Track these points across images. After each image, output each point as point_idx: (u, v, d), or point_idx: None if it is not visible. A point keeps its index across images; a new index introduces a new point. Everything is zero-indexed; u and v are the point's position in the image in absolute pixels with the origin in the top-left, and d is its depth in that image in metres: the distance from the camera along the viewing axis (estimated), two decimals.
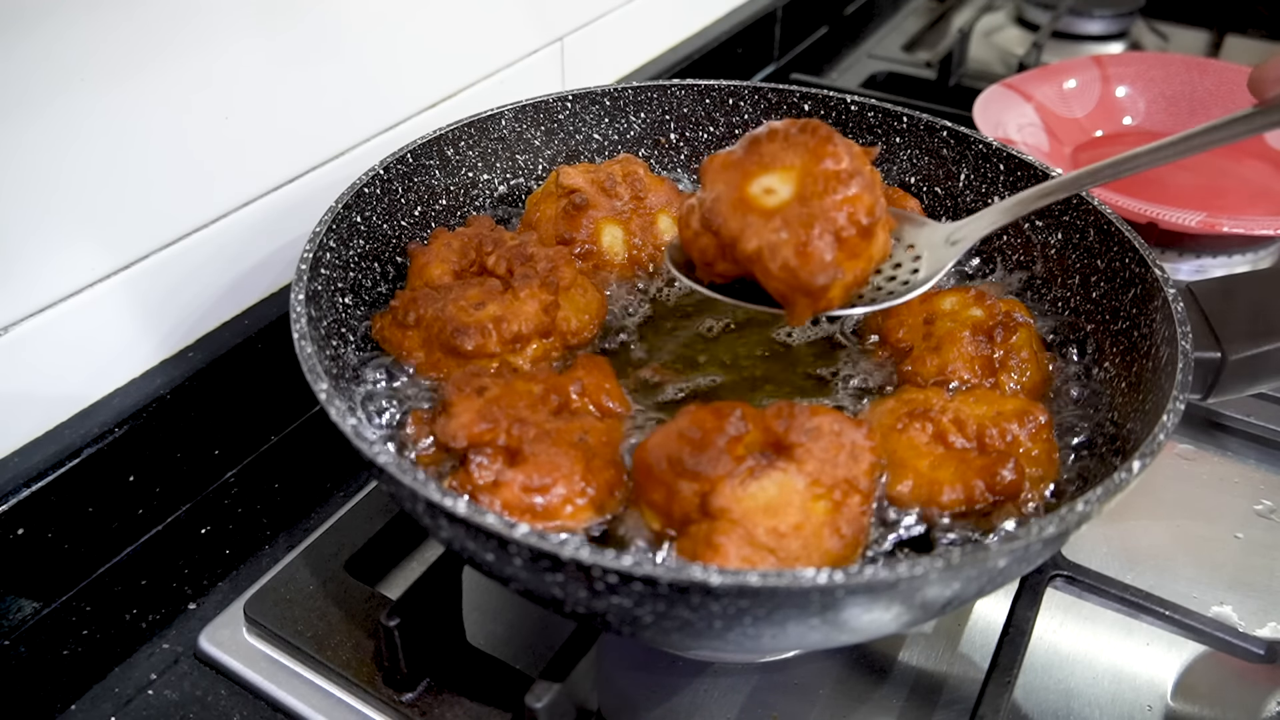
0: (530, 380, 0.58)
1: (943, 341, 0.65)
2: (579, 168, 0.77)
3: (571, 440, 0.55)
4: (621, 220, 0.75)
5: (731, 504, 0.49)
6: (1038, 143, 1.09)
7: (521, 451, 0.53)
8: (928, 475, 0.56)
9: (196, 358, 0.70)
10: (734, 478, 0.49)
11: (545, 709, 0.50)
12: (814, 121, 0.55)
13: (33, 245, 0.59)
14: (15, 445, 0.62)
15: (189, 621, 0.66)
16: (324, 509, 0.75)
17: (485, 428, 0.54)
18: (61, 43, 0.57)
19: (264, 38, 0.69)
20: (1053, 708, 0.62)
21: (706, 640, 0.47)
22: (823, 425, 0.52)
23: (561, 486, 0.53)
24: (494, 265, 0.67)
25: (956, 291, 0.69)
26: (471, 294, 0.64)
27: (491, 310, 0.63)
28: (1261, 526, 0.74)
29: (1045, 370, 0.66)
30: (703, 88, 0.85)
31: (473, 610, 0.63)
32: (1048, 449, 0.59)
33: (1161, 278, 0.61)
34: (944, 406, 0.59)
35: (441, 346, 0.62)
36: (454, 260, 0.68)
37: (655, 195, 0.77)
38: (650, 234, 0.76)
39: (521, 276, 0.65)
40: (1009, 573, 0.48)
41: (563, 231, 0.73)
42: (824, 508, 0.50)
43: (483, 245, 0.69)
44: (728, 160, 0.56)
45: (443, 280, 0.67)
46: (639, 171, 0.77)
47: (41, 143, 0.58)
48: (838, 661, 0.63)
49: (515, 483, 0.52)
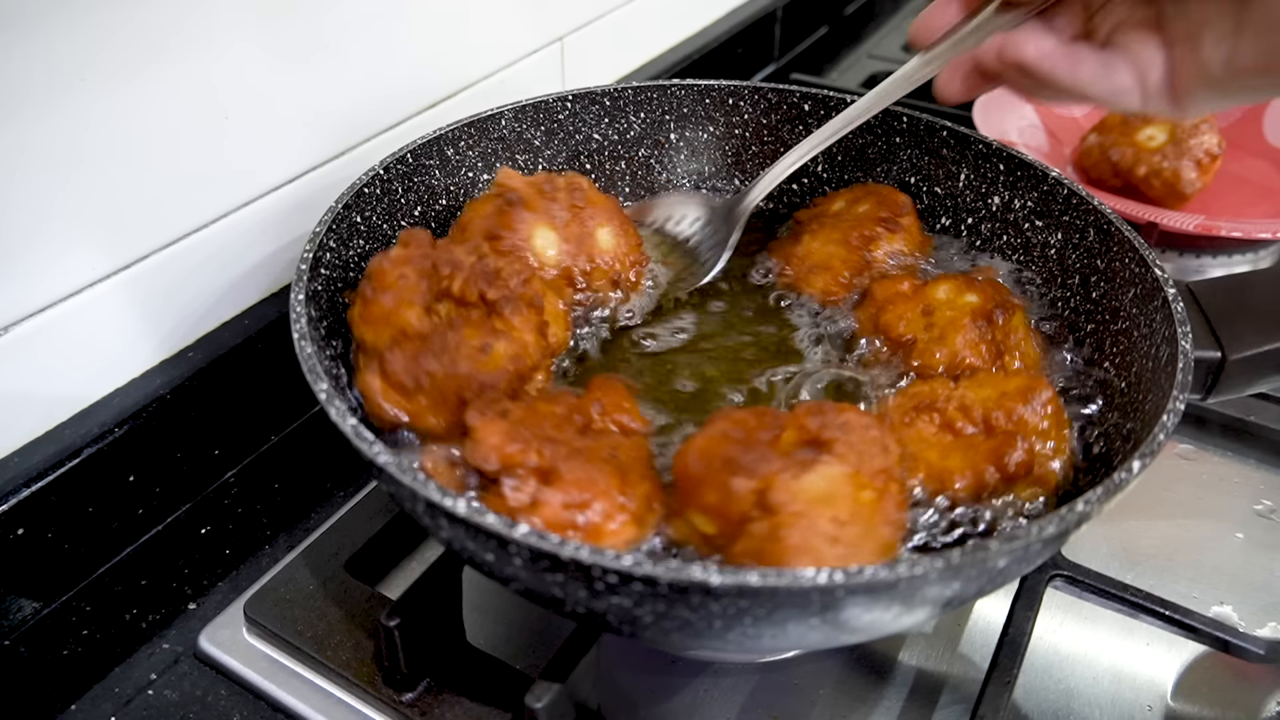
0: (551, 401, 0.57)
1: (946, 330, 0.65)
2: (521, 175, 0.73)
3: (603, 456, 0.54)
4: (556, 226, 0.71)
5: (790, 497, 0.49)
6: (1038, 143, 1.09)
7: (556, 470, 0.52)
8: (938, 465, 0.57)
9: (196, 358, 0.70)
10: (786, 472, 0.49)
11: (545, 709, 0.50)
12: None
13: (33, 245, 0.59)
14: (15, 445, 0.62)
15: (189, 621, 0.66)
16: (324, 509, 0.75)
17: (517, 448, 0.52)
18: (62, 43, 0.57)
19: (264, 38, 0.69)
20: (1053, 708, 0.62)
21: (706, 640, 0.47)
22: (852, 420, 0.52)
23: (601, 502, 0.51)
24: (463, 290, 0.60)
25: (946, 279, 0.69)
26: (468, 335, 0.59)
27: (502, 350, 0.59)
28: (1261, 526, 0.74)
29: (1037, 350, 0.68)
30: (703, 88, 0.85)
31: (473, 610, 0.63)
32: (1056, 420, 0.59)
33: (1161, 278, 0.61)
34: (949, 395, 0.60)
35: (460, 404, 0.58)
36: (419, 296, 0.60)
37: (596, 209, 0.72)
38: (586, 246, 0.71)
39: (505, 301, 0.60)
40: (1009, 573, 0.48)
41: (494, 227, 0.68)
42: (870, 496, 0.50)
43: (439, 268, 0.61)
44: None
45: (421, 324, 0.59)
46: (583, 185, 0.74)
47: (42, 143, 0.58)
48: (838, 661, 0.63)
49: (555, 501, 0.51)
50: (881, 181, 0.82)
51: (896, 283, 0.70)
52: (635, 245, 0.75)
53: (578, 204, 0.72)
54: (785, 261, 0.77)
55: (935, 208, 0.81)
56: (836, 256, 0.75)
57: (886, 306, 0.69)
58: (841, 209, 0.79)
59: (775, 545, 0.48)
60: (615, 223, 0.73)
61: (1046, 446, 0.58)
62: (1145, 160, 0.99)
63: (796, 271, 0.76)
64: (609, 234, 0.72)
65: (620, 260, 0.73)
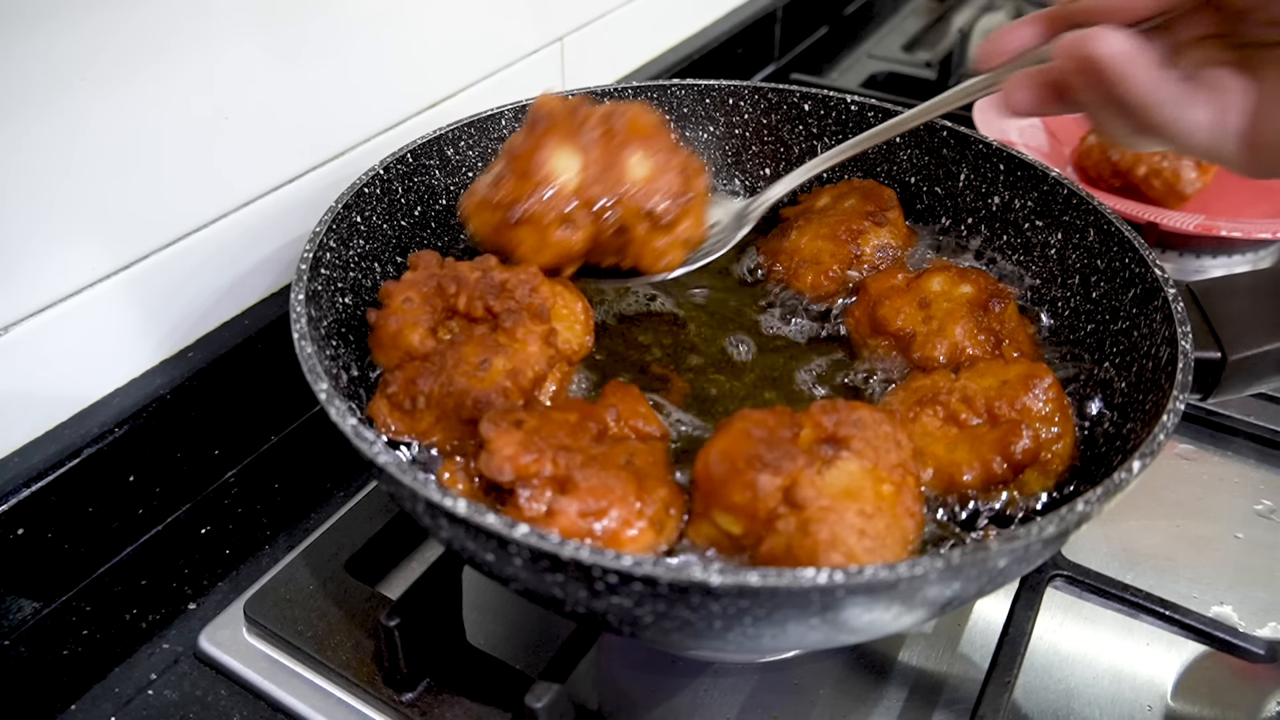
0: (565, 410, 0.57)
1: (945, 322, 0.65)
2: (560, 97, 0.66)
3: (619, 464, 0.53)
4: (580, 150, 0.63)
5: (817, 493, 0.49)
6: (1037, 143, 1.09)
7: (571, 479, 0.52)
8: (946, 459, 0.57)
9: (196, 358, 0.70)
10: (810, 468, 0.50)
11: (545, 709, 0.50)
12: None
13: (33, 245, 0.59)
14: (15, 445, 0.62)
15: (189, 621, 0.66)
16: (324, 509, 0.75)
17: (531, 458, 0.52)
18: (62, 43, 0.57)
19: (264, 38, 0.69)
20: (1053, 708, 0.62)
21: (706, 640, 0.47)
22: (865, 417, 0.53)
23: (618, 509, 0.51)
24: (468, 307, 0.61)
25: (938, 271, 0.69)
26: (468, 353, 0.59)
27: (500, 365, 0.58)
28: (1261, 526, 0.74)
29: (1031, 336, 0.69)
30: (703, 88, 0.85)
31: (473, 610, 0.63)
32: (1059, 405, 0.60)
33: (1161, 278, 0.61)
34: (950, 387, 0.60)
35: (463, 421, 0.58)
36: (424, 317, 0.61)
37: (632, 134, 0.64)
38: (612, 174, 0.63)
39: (508, 313, 0.60)
40: (1009, 573, 0.48)
41: (515, 148, 0.63)
42: (890, 490, 0.51)
43: (444, 287, 0.62)
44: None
45: (425, 345, 0.60)
46: (627, 110, 0.66)
47: (42, 143, 0.58)
48: (838, 661, 0.63)
49: (571, 510, 0.50)
50: (882, 181, 0.82)
51: (889, 276, 0.70)
52: (679, 175, 0.65)
53: (614, 127, 0.64)
54: (774, 258, 0.78)
55: (935, 208, 0.81)
56: (825, 251, 0.75)
57: (882, 301, 0.69)
58: (827, 204, 0.79)
59: (806, 540, 0.48)
60: (652, 149, 0.64)
61: (1051, 432, 0.58)
62: (1145, 160, 0.99)
63: (786, 267, 0.76)
64: (640, 161, 0.64)
65: (656, 193, 0.64)
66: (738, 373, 0.69)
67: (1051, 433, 0.58)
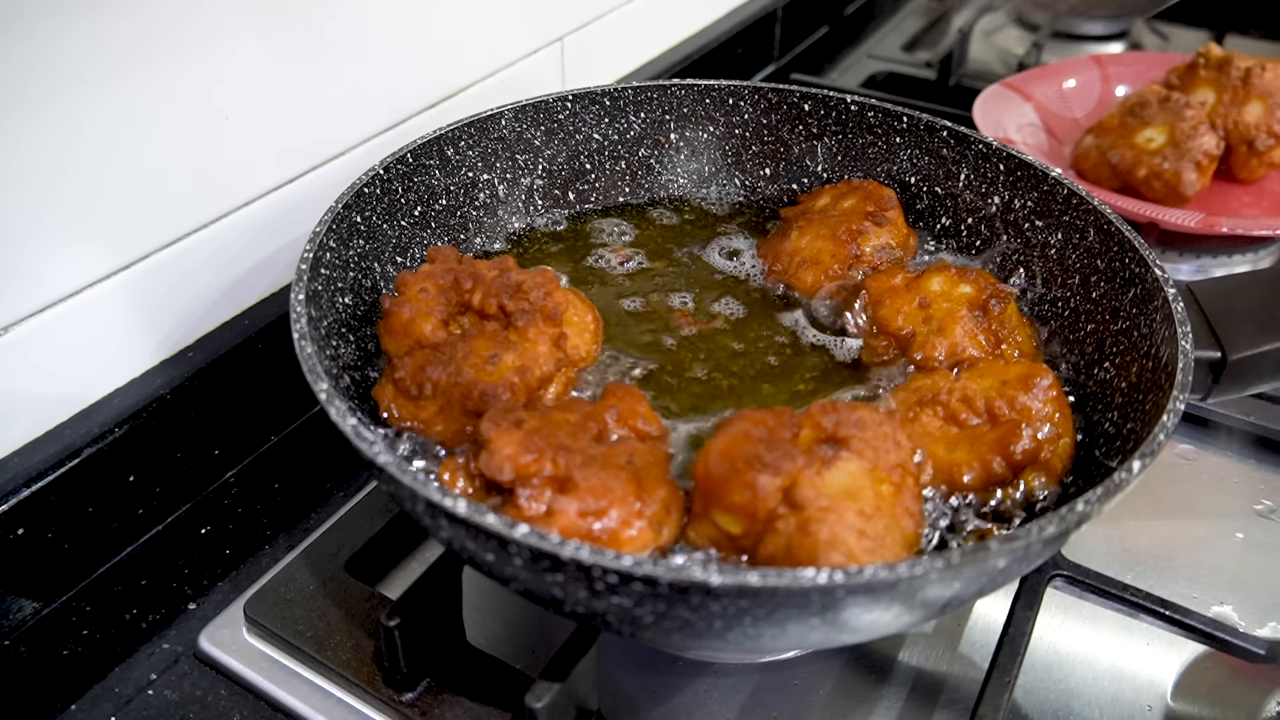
0: (565, 410, 0.57)
1: (944, 322, 0.65)
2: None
3: (619, 463, 0.53)
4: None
5: (817, 493, 0.49)
6: (1038, 143, 1.09)
7: (571, 478, 0.52)
8: (946, 459, 0.58)
9: (196, 358, 0.70)
10: (810, 468, 0.50)
11: (545, 709, 0.50)
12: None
13: (33, 245, 0.59)
14: (15, 445, 0.62)
15: (189, 621, 0.66)
16: (324, 509, 0.75)
17: (531, 458, 0.52)
18: (61, 42, 0.57)
19: (264, 38, 0.69)
20: (1053, 708, 0.62)
21: (707, 640, 0.47)
22: (865, 417, 0.53)
23: (618, 509, 0.51)
24: (482, 304, 0.62)
25: (937, 271, 0.69)
26: (479, 346, 0.60)
27: (510, 361, 0.59)
28: (1261, 526, 0.74)
29: (1031, 336, 0.69)
30: (703, 88, 0.85)
31: (473, 610, 0.63)
32: (1059, 405, 0.60)
33: (1161, 278, 0.61)
34: (950, 387, 0.60)
35: (466, 413, 0.58)
36: (438, 308, 0.62)
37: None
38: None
39: (521, 313, 0.61)
40: (1009, 573, 0.48)
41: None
42: (889, 490, 0.51)
43: (460, 282, 0.63)
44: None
45: (436, 335, 0.61)
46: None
47: (41, 142, 0.58)
48: (838, 661, 0.63)
49: (570, 510, 0.50)
50: (882, 181, 0.83)
51: (889, 276, 0.70)
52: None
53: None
54: (774, 258, 0.78)
55: (935, 208, 0.81)
56: (825, 251, 0.75)
57: (882, 301, 0.69)
58: (827, 204, 0.79)
59: (805, 540, 0.48)
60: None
61: (1051, 432, 0.58)
62: (1145, 162, 0.99)
63: (786, 267, 0.76)
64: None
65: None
66: (738, 373, 0.68)
67: (1051, 433, 0.58)
